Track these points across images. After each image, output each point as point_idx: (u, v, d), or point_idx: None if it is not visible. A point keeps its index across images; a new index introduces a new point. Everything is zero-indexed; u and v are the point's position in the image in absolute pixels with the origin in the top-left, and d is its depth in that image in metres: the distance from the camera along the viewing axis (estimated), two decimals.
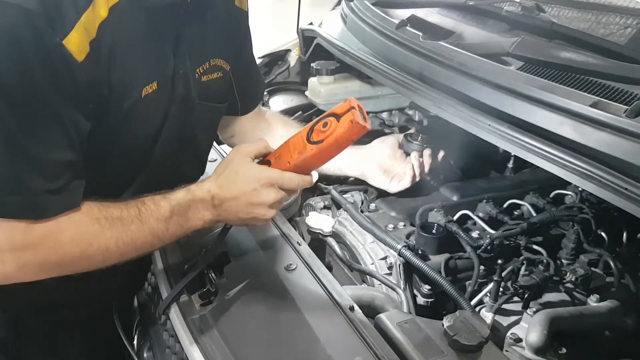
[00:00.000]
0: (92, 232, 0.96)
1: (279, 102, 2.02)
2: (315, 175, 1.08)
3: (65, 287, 1.02)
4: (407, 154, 1.53)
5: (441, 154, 1.55)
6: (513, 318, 1.12)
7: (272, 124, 1.51)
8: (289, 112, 1.96)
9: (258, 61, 2.11)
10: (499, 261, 1.15)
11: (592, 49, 1.20)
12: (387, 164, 1.50)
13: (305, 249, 1.19)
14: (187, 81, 1.13)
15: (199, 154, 1.31)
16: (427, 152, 1.52)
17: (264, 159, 1.08)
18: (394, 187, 1.49)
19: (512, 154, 1.56)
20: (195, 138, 1.24)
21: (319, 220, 1.28)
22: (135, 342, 1.31)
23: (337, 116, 0.97)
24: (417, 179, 1.49)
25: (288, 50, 2.17)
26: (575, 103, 1.06)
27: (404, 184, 1.48)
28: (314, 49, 1.98)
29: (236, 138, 1.50)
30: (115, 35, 0.95)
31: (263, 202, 1.03)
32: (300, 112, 1.94)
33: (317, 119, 1.01)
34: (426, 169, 1.51)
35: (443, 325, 0.94)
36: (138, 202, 1.02)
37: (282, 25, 2.60)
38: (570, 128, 1.05)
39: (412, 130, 1.62)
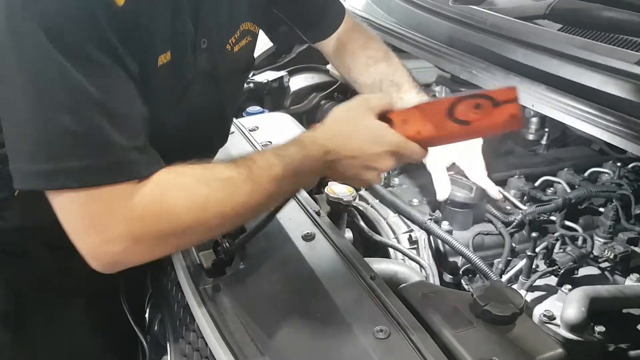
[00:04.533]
0: (202, 196, 0.86)
1: (300, 80, 1.96)
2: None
3: (65, 257, 0.96)
4: None
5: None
6: (543, 297, 1.03)
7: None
8: (308, 90, 1.91)
9: None
10: (533, 234, 1.08)
11: (635, 9, 1.12)
12: None
13: (324, 218, 1.13)
14: (213, 56, 1.05)
15: (225, 126, 1.24)
16: None
17: (385, 116, 0.95)
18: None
19: (546, 130, 1.51)
20: (223, 112, 1.17)
21: (339, 190, 1.22)
22: (147, 315, 1.26)
23: (495, 102, 0.84)
24: None
25: None
26: (619, 61, 1.00)
27: None
28: None
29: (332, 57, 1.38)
30: None
31: (379, 168, 0.93)
32: (314, 93, 1.88)
33: (464, 94, 0.87)
34: None
35: (473, 295, 0.87)
36: (248, 161, 0.91)
37: None
38: (614, 87, 0.98)
39: None
